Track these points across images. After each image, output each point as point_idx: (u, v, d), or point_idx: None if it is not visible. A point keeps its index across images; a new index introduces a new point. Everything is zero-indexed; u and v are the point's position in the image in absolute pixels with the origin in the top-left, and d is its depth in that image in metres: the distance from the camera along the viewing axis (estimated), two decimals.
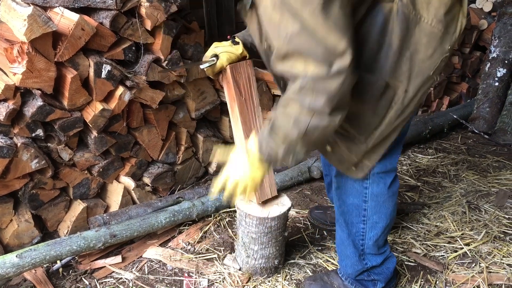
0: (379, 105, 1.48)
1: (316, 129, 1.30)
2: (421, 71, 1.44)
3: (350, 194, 1.76)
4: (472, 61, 4.52)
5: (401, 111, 1.49)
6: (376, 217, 1.76)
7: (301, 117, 1.29)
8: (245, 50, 1.81)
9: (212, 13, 3.31)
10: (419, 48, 1.41)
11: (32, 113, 2.07)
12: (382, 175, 1.69)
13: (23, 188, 2.23)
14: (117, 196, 2.55)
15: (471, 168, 3.25)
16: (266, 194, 2.01)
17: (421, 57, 1.42)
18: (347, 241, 1.85)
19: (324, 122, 1.28)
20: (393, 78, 1.43)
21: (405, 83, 1.44)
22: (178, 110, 2.74)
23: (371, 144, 1.56)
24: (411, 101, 1.48)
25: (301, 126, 1.30)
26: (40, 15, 1.91)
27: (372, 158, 1.61)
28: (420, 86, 1.46)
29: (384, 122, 1.51)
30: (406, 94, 1.46)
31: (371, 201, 1.73)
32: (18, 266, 1.89)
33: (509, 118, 3.80)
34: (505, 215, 2.61)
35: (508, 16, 4.11)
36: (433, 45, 1.42)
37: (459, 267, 2.20)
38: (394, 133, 1.56)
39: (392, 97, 1.47)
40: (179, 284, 2.08)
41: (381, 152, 1.60)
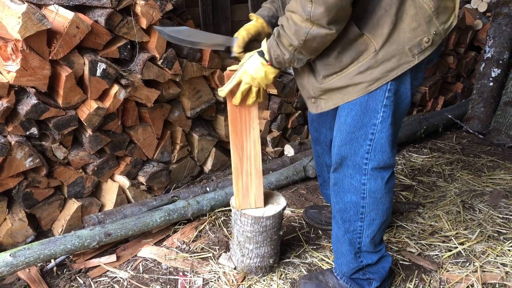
0: (345, 52, 1.53)
1: (315, 38, 1.42)
2: (398, 40, 1.48)
3: (348, 191, 1.76)
4: (467, 61, 4.54)
5: (365, 69, 1.53)
6: (373, 213, 1.76)
7: (302, 25, 1.40)
8: (262, 21, 1.86)
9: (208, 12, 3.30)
10: (405, 17, 1.46)
11: (26, 111, 2.05)
12: (380, 170, 1.69)
13: (17, 187, 2.22)
14: (112, 195, 2.54)
15: (466, 167, 3.26)
16: (249, 204, 2.01)
17: (404, 27, 1.47)
18: (343, 238, 1.85)
19: (322, 32, 1.40)
20: (370, 34, 1.49)
21: (380, 44, 1.49)
22: (174, 109, 2.74)
23: (325, 86, 1.62)
24: (379, 65, 1.51)
25: (301, 35, 1.42)
26: (35, 12, 1.90)
27: (327, 103, 1.66)
28: (392, 56, 1.49)
29: (344, 71, 1.56)
30: (375, 55, 1.50)
31: (369, 198, 1.73)
32: (12, 265, 1.88)
33: (503, 118, 3.82)
34: (499, 214, 2.62)
35: (502, 17, 4.13)
36: (419, 20, 1.46)
37: (454, 266, 2.21)
38: (351, 90, 1.58)
39: (362, 51, 1.51)
40: (174, 283, 2.08)
41: (336, 102, 1.64)
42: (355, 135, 1.65)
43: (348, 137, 1.67)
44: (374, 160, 1.67)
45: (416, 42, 1.49)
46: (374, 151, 1.66)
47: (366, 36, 1.49)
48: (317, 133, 2.14)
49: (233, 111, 1.83)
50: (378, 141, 1.64)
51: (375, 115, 1.60)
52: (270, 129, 3.29)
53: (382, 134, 1.63)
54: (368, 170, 1.69)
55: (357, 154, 1.68)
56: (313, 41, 1.44)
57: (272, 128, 3.29)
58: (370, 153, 1.66)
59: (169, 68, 2.53)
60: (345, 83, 1.57)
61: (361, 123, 1.63)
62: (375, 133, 1.63)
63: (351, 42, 1.51)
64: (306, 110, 3.45)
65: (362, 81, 1.55)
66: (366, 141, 1.65)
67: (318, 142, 2.18)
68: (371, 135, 1.63)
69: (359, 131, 1.64)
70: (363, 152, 1.66)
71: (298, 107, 3.37)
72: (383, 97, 1.57)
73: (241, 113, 1.84)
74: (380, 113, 1.60)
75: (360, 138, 1.65)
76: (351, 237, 1.82)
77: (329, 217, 2.48)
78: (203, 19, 3.29)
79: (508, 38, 4.11)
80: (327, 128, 2.09)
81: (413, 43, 1.49)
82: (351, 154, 1.69)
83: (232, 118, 1.84)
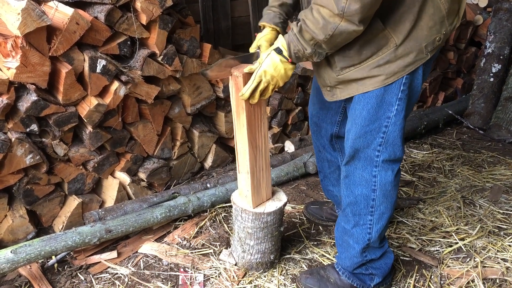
0: (366, 46, 1.53)
1: (342, 33, 1.41)
2: (416, 37, 1.51)
3: (359, 184, 1.76)
4: (467, 56, 4.53)
5: (384, 63, 1.54)
6: (383, 207, 1.77)
7: (331, 20, 1.39)
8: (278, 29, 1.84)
9: (208, 8, 3.29)
10: (424, 16, 1.49)
11: (27, 108, 2.05)
12: (390, 163, 1.71)
13: (17, 184, 2.22)
14: (112, 192, 2.54)
15: (466, 163, 3.26)
16: (262, 199, 2.02)
17: (422, 24, 1.50)
18: (351, 231, 1.85)
19: (350, 28, 1.39)
20: (392, 29, 1.50)
21: (400, 39, 1.51)
22: (174, 105, 2.73)
23: (342, 77, 1.61)
24: (397, 59, 1.53)
25: (329, 29, 1.41)
26: (34, 9, 1.90)
27: (343, 92, 1.66)
28: (410, 51, 1.52)
29: (363, 64, 1.56)
30: (395, 50, 1.52)
31: (379, 190, 1.74)
32: (13, 262, 1.89)
33: (503, 113, 3.82)
34: (500, 210, 2.62)
35: (503, 12, 4.12)
36: (435, 19, 1.50)
37: (454, 262, 2.21)
38: (367, 82, 1.58)
39: (382, 45, 1.52)
40: (175, 279, 2.08)
41: (351, 92, 1.64)
42: (370, 128, 1.66)
43: (362, 130, 1.67)
44: (386, 152, 1.68)
45: (431, 40, 1.53)
46: (386, 144, 1.67)
47: (388, 31, 1.50)
48: (318, 128, 2.14)
49: (249, 111, 1.79)
50: (391, 134, 1.65)
51: (390, 108, 1.62)
52: (270, 125, 3.29)
53: (395, 127, 1.65)
54: (379, 162, 1.70)
55: (370, 146, 1.69)
56: (339, 37, 1.43)
57: (273, 124, 3.28)
58: (383, 145, 1.67)
59: (169, 65, 2.52)
60: (362, 75, 1.58)
61: (376, 116, 1.63)
62: (389, 126, 1.64)
63: (373, 36, 1.51)
64: (306, 106, 3.45)
65: (379, 74, 1.56)
66: (380, 133, 1.66)
67: (319, 137, 2.17)
68: (385, 128, 1.65)
69: (374, 123, 1.65)
70: (376, 145, 1.68)
71: (299, 103, 3.37)
72: (398, 91, 1.59)
73: (255, 111, 1.82)
74: (394, 106, 1.61)
75: (374, 131, 1.66)
76: (361, 231, 1.82)
77: (330, 213, 2.48)
78: (203, 15, 3.28)
79: (508, 34, 4.09)
80: (327, 123, 2.09)
81: (429, 40, 1.52)
82: (364, 146, 1.70)
83: (249, 119, 1.81)
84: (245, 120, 1.80)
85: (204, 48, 2.74)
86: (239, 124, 1.84)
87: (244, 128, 1.82)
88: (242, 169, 1.93)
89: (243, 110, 1.78)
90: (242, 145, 1.88)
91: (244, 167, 1.91)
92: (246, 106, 1.77)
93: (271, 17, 1.83)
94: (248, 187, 1.94)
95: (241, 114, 1.81)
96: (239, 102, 1.79)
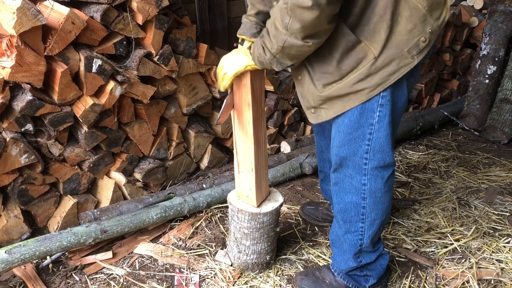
0: (344, 60, 1.51)
1: (292, 46, 1.44)
2: (396, 44, 1.47)
3: (348, 191, 1.75)
4: (463, 58, 4.55)
5: (365, 76, 1.51)
6: (374, 214, 1.76)
7: (282, 32, 1.41)
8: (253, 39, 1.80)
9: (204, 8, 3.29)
10: (400, 20, 1.45)
11: (22, 107, 2.04)
12: (380, 170, 1.69)
13: (12, 183, 2.21)
14: (107, 192, 2.53)
15: (461, 164, 3.27)
16: (262, 196, 2.01)
17: (400, 29, 1.46)
18: (343, 237, 1.85)
19: (298, 43, 1.41)
20: (368, 40, 1.47)
21: (378, 50, 1.47)
22: (170, 106, 2.73)
23: (324, 95, 1.60)
24: (378, 70, 1.50)
25: (280, 41, 1.44)
26: (30, 8, 1.89)
27: (328, 112, 1.65)
28: (391, 60, 1.49)
29: (344, 80, 1.54)
30: (375, 62, 1.49)
31: (369, 198, 1.72)
32: (7, 262, 1.87)
33: (498, 115, 3.83)
34: (495, 211, 2.63)
35: (498, 14, 4.14)
36: (414, 20, 1.45)
37: (449, 263, 2.21)
38: (353, 97, 1.57)
39: (361, 59, 1.50)
40: (170, 280, 2.08)
41: (337, 110, 1.62)
42: (353, 136, 1.64)
43: (346, 137, 1.66)
44: (374, 159, 1.66)
45: (414, 43, 1.48)
46: (373, 151, 1.65)
47: (364, 43, 1.48)
48: (321, 127, 2.13)
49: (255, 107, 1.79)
50: (377, 141, 1.63)
51: (371, 115, 1.59)
52: (266, 125, 3.29)
53: (380, 134, 1.62)
54: (368, 170, 1.68)
55: (356, 154, 1.67)
56: (291, 49, 1.45)
57: (269, 125, 3.28)
58: (369, 153, 1.65)
59: (165, 65, 2.52)
60: (345, 91, 1.56)
61: (358, 123, 1.62)
62: (373, 133, 1.62)
63: (349, 50, 1.49)
64: None
65: (363, 88, 1.54)
66: (365, 141, 1.64)
67: (322, 137, 2.16)
68: (369, 135, 1.63)
69: (357, 131, 1.63)
70: (362, 152, 1.66)
71: (295, 104, 3.37)
72: (379, 97, 1.56)
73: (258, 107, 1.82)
74: (376, 113, 1.59)
75: (358, 139, 1.64)
76: (352, 238, 1.82)
77: (326, 214, 2.48)
78: (199, 15, 3.28)
79: (504, 36, 4.12)
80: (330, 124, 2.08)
81: (411, 44, 1.48)
82: (350, 154, 1.68)
83: (255, 116, 1.81)
84: (251, 116, 1.79)
85: (200, 48, 2.74)
86: (243, 122, 1.84)
87: (250, 125, 1.82)
88: (244, 168, 1.93)
89: (249, 107, 1.78)
90: (246, 143, 1.87)
91: (247, 165, 1.91)
92: (252, 103, 1.77)
93: (248, 27, 1.78)
94: (251, 186, 1.94)
95: (246, 111, 1.80)
96: (244, 100, 1.79)
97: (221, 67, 1.74)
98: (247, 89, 1.75)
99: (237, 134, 1.89)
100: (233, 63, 1.69)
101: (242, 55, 1.68)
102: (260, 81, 1.81)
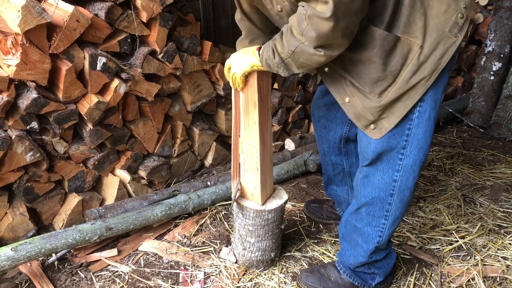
0: (391, 61, 1.50)
1: (303, 53, 1.44)
2: (436, 27, 1.46)
3: (377, 186, 1.73)
4: (467, 55, 4.53)
5: (417, 68, 1.49)
6: (398, 212, 1.74)
7: (297, 37, 1.42)
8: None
9: (208, 5, 3.28)
10: (433, 4, 1.45)
11: (27, 105, 2.05)
12: (415, 168, 1.66)
13: (17, 181, 2.22)
14: (112, 189, 2.53)
15: (466, 161, 3.26)
16: (267, 194, 2.02)
17: (435, 13, 1.45)
18: (361, 230, 1.82)
19: (310, 51, 1.42)
20: (406, 33, 1.46)
21: (420, 38, 1.46)
22: (174, 103, 2.73)
23: (385, 101, 1.55)
24: (428, 58, 1.48)
25: (292, 45, 1.45)
26: (34, 6, 1.89)
27: (390, 120, 1.60)
28: (437, 43, 1.47)
29: (398, 79, 1.52)
30: (422, 50, 1.47)
31: (397, 196, 1.71)
32: (13, 259, 1.88)
33: (504, 112, 3.81)
34: (500, 208, 2.62)
35: (504, 10, 4.11)
36: (446, 1, 1.45)
37: (454, 260, 2.21)
38: (411, 93, 1.54)
39: (407, 53, 1.48)
40: (175, 277, 2.08)
41: (400, 113, 1.57)
42: (393, 132, 1.61)
43: (386, 134, 1.63)
44: (410, 156, 1.64)
45: (453, 22, 1.46)
46: (411, 147, 1.63)
47: (404, 38, 1.47)
48: (326, 130, 2.12)
49: (261, 108, 1.79)
50: (415, 137, 1.61)
51: (412, 110, 1.57)
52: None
53: (419, 129, 1.60)
54: (402, 166, 1.66)
55: (394, 149, 1.65)
56: (301, 56, 1.45)
57: (273, 122, 3.28)
58: (406, 148, 1.63)
59: (170, 62, 2.52)
60: (403, 90, 1.53)
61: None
62: (412, 128, 1.60)
63: (391, 49, 1.48)
64: (306, 104, 3.44)
65: (419, 80, 1.51)
66: (403, 136, 1.62)
67: (326, 140, 2.16)
68: (408, 130, 1.61)
69: (396, 127, 1.61)
70: (400, 148, 1.64)
71: (299, 101, 3.36)
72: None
73: (265, 107, 1.82)
74: (417, 108, 1.57)
75: (397, 134, 1.62)
76: (372, 231, 1.80)
77: (330, 211, 2.48)
78: (203, 13, 3.27)
79: (509, 32, 4.09)
80: (337, 123, 2.07)
81: (450, 24, 1.46)
82: (388, 149, 1.65)
83: (261, 116, 1.80)
84: (257, 117, 1.79)
85: (204, 46, 2.74)
86: (250, 122, 1.83)
87: (256, 125, 1.82)
88: (249, 167, 1.93)
89: (255, 107, 1.78)
90: (252, 143, 1.87)
91: (253, 164, 1.91)
92: (259, 103, 1.77)
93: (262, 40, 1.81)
94: (256, 185, 1.94)
95: (252, 111, 1.80)
96: (250, 99, 1.78)
97: (229, 66, 1.75)
98: (254, 89, 1.75)
99: (243, 134, 1.89)
100: (240, 63, 1.69)
101: (249, 55, 1.68)
102: (267, 81, 1.81)
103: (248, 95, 1.77)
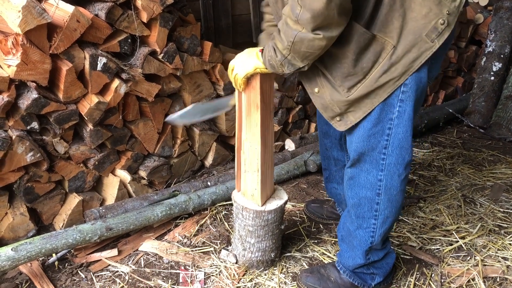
0: (363, 57, 1.50)
1: (303, 41, 1.42)
2: (413, 30, 1.45)
3: (363, 186, 1.74)
4: (468, 55, 4.53)
5: (388, 68, 1.50)
6: (387, 211, 1.74)
7: (293, 27, 1.42)
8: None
9: (208, 5, 3.29)
10: (414, 6, 1.44)
11: (27, 105, 2.05)
12: (398, 166, 1.67)
13: (18, 181, 2.22)
14: (112, 189, 2.54)
15: (467, 162, 3.26)
16: (267, 195, 2.02)
17: (415, 16, 1.44)
18: (354, 233, 1.83)
19: (309, 36, 1.40)
20: (382, 32, 1.46)
21: (395, 39, 1.46)
22: (174, 103, 2.73)
23: (352, 97, 1.57)
24: (400, 59, 1.48)
25: (290, 36, 1.44)
26: (35, 6, 1.90)
27: (356, 114, 1.62)
28: (411, 46, 1.46)
29: (368, 76, 1.53)
30: (395, 51, 1.47)
31: (384, 195, 1.71)
32: (14, 259, 1.89)
33: (504, 112, 3.82)
34: (500, 208, 2.63)
35: (504, 10, 4.11)
36: (428, 4, 1.43)
37: (455, 260, 2.21)
38: (379, 91, 1.55)
39: (380, 52, 1.49)
40: (176, 277, 2.08)
41: (366, 109, 1.59)
42: (373, 131, 1.63)
43: (366, 132, 1.64)
44: (392, 155, 1.65)
45: (432, 26, 1.45)
46: (392, 146, 1.63)
47: (379, 36, 1.47)
48: (327, 126, 2.12)
49: (263, 109, 1.79)
50: (396, 136, 1.62)
51: (391, 110, 1.58)
52: None
53: (399, 129, 1.61)
54: (385, 165, 1.67)
55: (375, 149, 1.66)
56: (301, 44, 1.43)
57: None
58: (388, 148, 1.64)
59: (170, 62, 2.52)
60: (371, 88, 1.54)
61: (378, 118, 1.60)
62: (392, 128, 1.61)
63: (365, 46, 1.49)
64: (307, 104, 3.44)
65: (388, 80, 1.52)
66: (384, 136, 1.62)
67: (327, 135, 2.16)
68: (388, 130, 1.61)
69: (376, 126, 1.62)
70: (381, 147, 1.64)
71: (299, 101, 3.36)
72: (399, 92, 1.55)
73: (267, 109, 1.81)
74: (396, 108, 1.58)
75: (378, 134, 1.63)
76: (363, 234, 1.81)
77: (331, 212, 2.48)
78: (203, 13, 3.28)
79: (509, 32, 4.09)
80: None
81: (428, 28, 1.45)
82: (369, 149, 1.66)
83: (263, 117, 1.80)
84: (259, 119, 1.79)
85: (204, 46, 2.74)
86: (251, 123, 1.83)
87: (257, 127, 1.81)
88: (250, 168, 1.93)
89: (257, 109, 1.78)
90: (253, 144, 1.87)
91: (253, 165, 1.91)
92: (261, 105, 1.76)
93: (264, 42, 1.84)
94: (256, 186, 1.94)
95: (254, 113, 1.80)
96: (252, 101, 1.78)
97: (232, 68, 1.75)
98: (257, 91, 1.75)
99: (244, 135, 1.89)
100: (243, 64, 1.69)
101: (253, 57, 1.68)
102: (269, 84, 1.81)
103: (251, 97, 1.77)
